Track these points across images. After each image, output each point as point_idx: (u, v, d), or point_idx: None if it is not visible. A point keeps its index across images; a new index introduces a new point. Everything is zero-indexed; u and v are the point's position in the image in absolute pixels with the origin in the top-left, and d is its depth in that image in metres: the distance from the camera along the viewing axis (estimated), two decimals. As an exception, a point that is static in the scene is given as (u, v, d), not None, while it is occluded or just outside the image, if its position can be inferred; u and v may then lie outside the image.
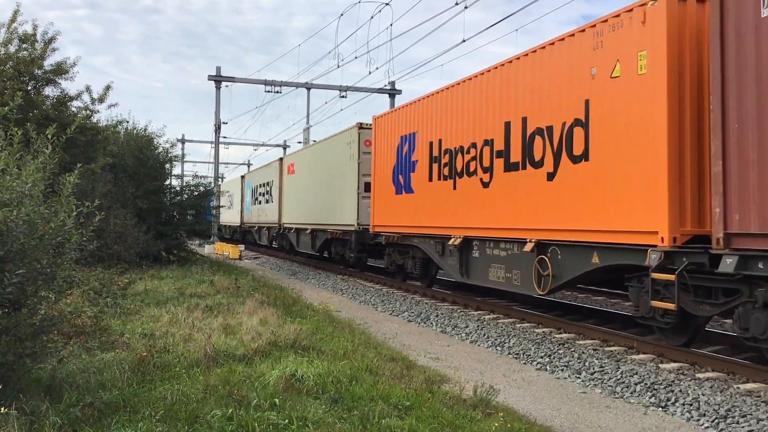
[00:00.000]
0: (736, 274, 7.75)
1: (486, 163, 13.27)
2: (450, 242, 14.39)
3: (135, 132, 24.23)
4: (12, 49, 16.62)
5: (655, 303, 9.01)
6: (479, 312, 14.05)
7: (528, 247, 11.60)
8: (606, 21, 9.96)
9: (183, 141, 69.81)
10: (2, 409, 4.94)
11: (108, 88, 18.92)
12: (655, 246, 8.84)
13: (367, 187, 20.41)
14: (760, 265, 7.53)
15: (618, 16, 9.74)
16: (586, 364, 9.26)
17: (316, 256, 29.03)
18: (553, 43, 11.30)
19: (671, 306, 8.70)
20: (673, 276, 8.57)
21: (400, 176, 17.69)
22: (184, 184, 28.79)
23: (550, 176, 11.16)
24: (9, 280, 5.52)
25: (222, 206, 38.16)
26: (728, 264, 7.77)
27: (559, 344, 10.60)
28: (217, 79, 37.82)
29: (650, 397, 7.65)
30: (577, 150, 10.55)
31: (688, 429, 6.63)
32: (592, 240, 10.14)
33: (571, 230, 10.64)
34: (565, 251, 10.90)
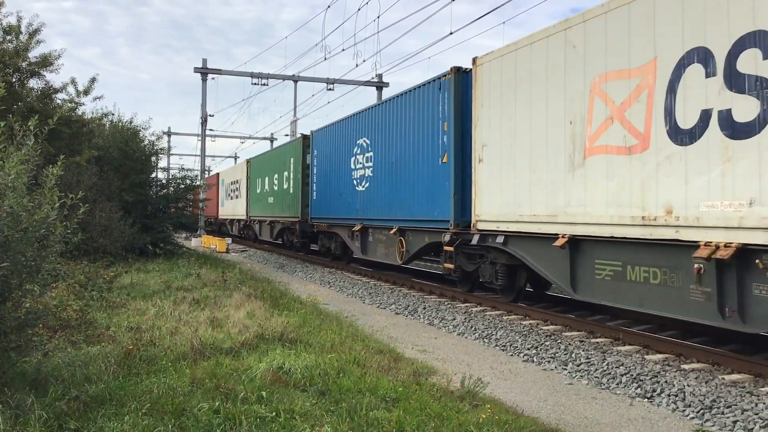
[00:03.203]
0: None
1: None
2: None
3: (120, 124, 24.07)
4: (-4, 40, 16.46)
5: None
6: (466, 304, 14.09)
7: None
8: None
9: (169, 134, 69.39)
10: (-14, 403, 4.90)
11: (93, 80, 18.84)
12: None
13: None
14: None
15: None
16: (573, 355, 9.31)
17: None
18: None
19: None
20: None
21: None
22: (171, 177, 28.65)
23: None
24: (-7, 273, 5.47)
25: (208, 199, 37.93)
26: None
27: (546, 336, 10.64)
28: (204, 72, 37.61)
29: (636, 388, 7.70)
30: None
31: (674, 419, 6.68)
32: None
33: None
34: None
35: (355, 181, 20.20)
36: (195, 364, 7.25)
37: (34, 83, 17.58)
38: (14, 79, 16.76)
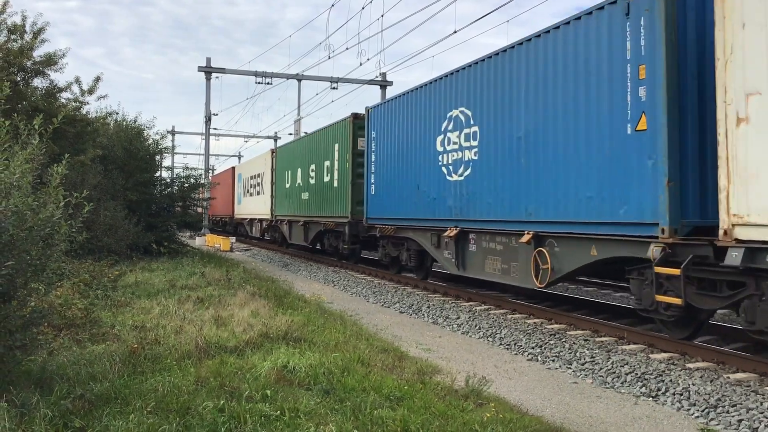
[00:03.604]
0: None
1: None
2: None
3: (125, 123, 24.13)
4: (1, 39, 16.50)
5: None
6: (471, 303, 14.08)
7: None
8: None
9: (173, 133, 69.51)
10: (-8, 401, 4.92)
11: (98, 79, 18.86)
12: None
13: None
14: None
15: None
16: (577, 354, 9.29)
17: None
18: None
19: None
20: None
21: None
22: (175, 175, 28.70)
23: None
24: (-2, 272, 5.48)
25: (212, 198, 37.81)
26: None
27: (551, 335, 10.63)
28: (208, 71, 37.66)
29: (641, 387, 7.69)
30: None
31: (679, 418, 6.66)
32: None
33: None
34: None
35: (444, 169, 14.90)
36: (200, 363, 7.26)
37: (38, 82, 17.65)
38: (19, 78, 16.80)
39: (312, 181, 24.84)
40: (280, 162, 30.47)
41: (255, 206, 35.82)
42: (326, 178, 23.01)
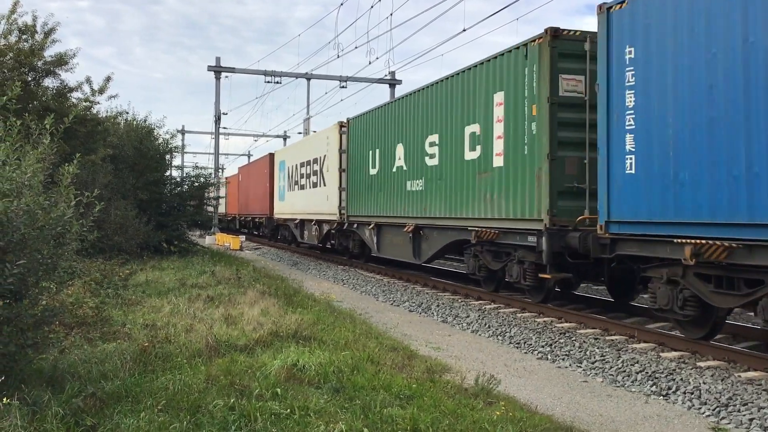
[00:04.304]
0: None
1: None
2: None
3: (135, 123, 24.24)
4: (12, 39, 16.60)
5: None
6: (480, 302, 14.06)
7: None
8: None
9: (183, 132, 69.60)
10: (4, 399, 4.95)
11: (108, 79, 18.95)
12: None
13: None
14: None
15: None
16: (587, 353, 9.27)
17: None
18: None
19: None
20: None
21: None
22: (185, 175, 28.79)
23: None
24: (10, 271, 5.52)
25: (221, 197, 37.75)
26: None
27: (561, 333, 10.60)
28: (217, 70, 37.71)
29: (651, 386, 7.66)
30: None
31: (690, 417, 6.64)
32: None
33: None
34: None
35: None
36: (210, 361, 7.29)
37: (49, 82, 17.75)
38: (30, 78, 16.89)
39: (432, 162, 15.97)
40: (356, 138, 21.54)
41: (308, 203, 26.55)
42: (470, 154, 14.08)
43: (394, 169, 18.23)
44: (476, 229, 13.52)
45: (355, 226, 21.51)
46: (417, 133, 16.81)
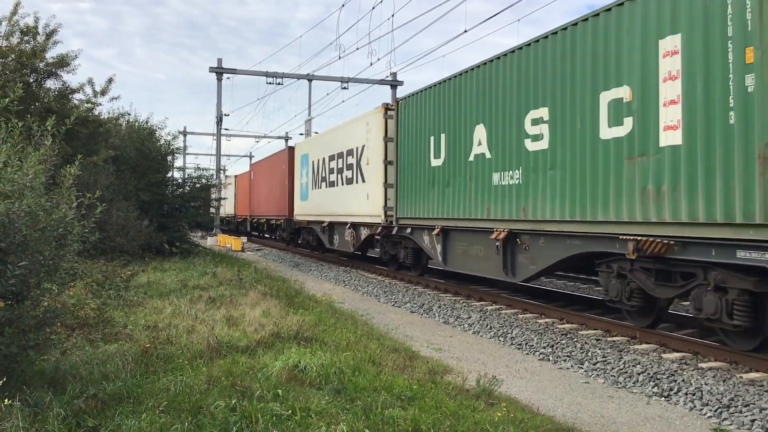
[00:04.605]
0: None
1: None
2: None
3: (137, 124, 24.28)
4: (14, 41, 16.63)
5: None
6: (482, 303, 14.06)
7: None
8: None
9: (185, 133, 69.62)
10: (6, 400, 4.95)
11: (110, 81, 19.03)
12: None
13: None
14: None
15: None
16: (589, 354, 9.26)
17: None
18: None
19: None
20: None
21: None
22: (186, 176, 28.83)
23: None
24: (11, 272, 5.52)
25: (224, 198, 37.73)
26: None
27: (562, 335, 10.60)
28: (219, 71, 37.75)
29: (653, 387, 7.65)
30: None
31: (691, 418, 6.63)
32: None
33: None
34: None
35: None
36: (211, 363, 7.29)
37: (51, 84, 17.80)
38: (32, 80, 16.93)
39: (537, 145, 11.89)
40: (410, 122, 17.43)
41: (340, 202, 22.68)
42: (610, 131, 10.11)
43: (471, 158, 14.08)
44: (635, 238, 9.40)
45: (408, 231, 17.34)
46: (509, 109, 12.68)
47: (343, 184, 22.46)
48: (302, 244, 30.13)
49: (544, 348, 9.76)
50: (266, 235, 40.59)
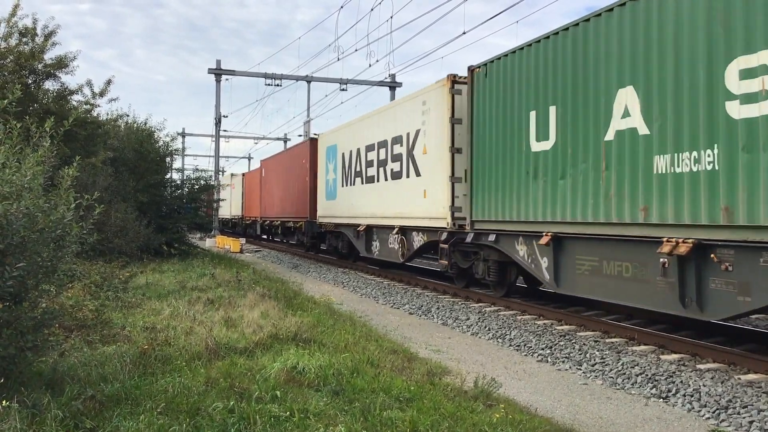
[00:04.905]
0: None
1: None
2: None
3: (135, 126, 24.28)
4: (12, 42, 16.63)
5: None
6: (480, 304, 14.06)
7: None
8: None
9: (183, 135, 69.73)
10: (4, 402, 4.94)
11: (109, 82, 19.02)
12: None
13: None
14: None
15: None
16: (587, 355, 9.27)
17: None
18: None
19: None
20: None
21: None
22: (185, 177, 28.83)
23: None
24: (9, 274, 5.52)
25: (222, 200, 37.65)
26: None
27: (560, 336, 10.60)
28: (217, 73, 37.75)
29: (651, 389, 7.65)
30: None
31: (689, 420, 6.63)
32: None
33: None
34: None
35: None
36: (210, 364, 7.29)
37: (49, 85, 17.78)
38: (30, 81, 16.92)
39: (751, 110, 7.88)
40: (492, 95, 13.45)
41: (383, 201, 18.88)
42: None
43: (609, 137, 10.11)
44: None
45: (491, 238, 13.20)
46: (691, 59, 8.70)
47: (386, 180, 18.63)
48: (327, 250, 26.16)
49: (543, 349, 9.76)
50: (277, 239, 37.46)
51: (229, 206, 50.33)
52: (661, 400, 7.31)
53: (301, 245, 30.46)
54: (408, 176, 17.23)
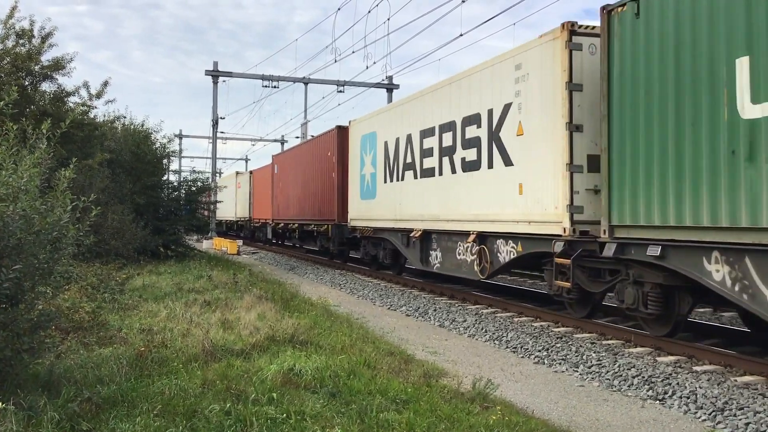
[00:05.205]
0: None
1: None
2: None
3: (132, 127, 24.28)
4: (9, 44, 16.62)
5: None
6: (477, 306, 14.06)
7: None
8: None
9: (180, 136, 69.67)
10: (0, 404, 4.94)
11: (105, 84, 19.02)
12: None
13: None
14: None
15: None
16: (584, 357, 9.27)
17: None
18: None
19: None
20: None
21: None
22: (182, 179, 28.82)
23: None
24: (6, 276, 5.51)
25: (220, 201, 37.57)
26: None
27: (557, 338, 10.61)
28: (215, 74, 37.76)
29: (648, 390, 7.66)
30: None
31: (686, 422, 6.64)
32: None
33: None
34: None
35: None
36: (206, 366, 7.28)
37: (46, 86, 17.79)
38: (27, 83, 16.92)
39: None
40: (649, 50, 9.13)
41: (454, 200, 14.69)
42: None
43: None
44: None
45: (654, 251, 9.06)
46: None
47: (454, 172, 14.58)
48: (362, 259, 22.10)
49: (540, 351, 9.77)
50: (287, 244, 33.61)
51: (234, 207, 46.39)
52: (658, 402, 7.32)
53: (323, 253, 26.18)
54: (491, 166, 13.09)
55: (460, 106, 14.30)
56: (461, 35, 22.27)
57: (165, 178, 25.96)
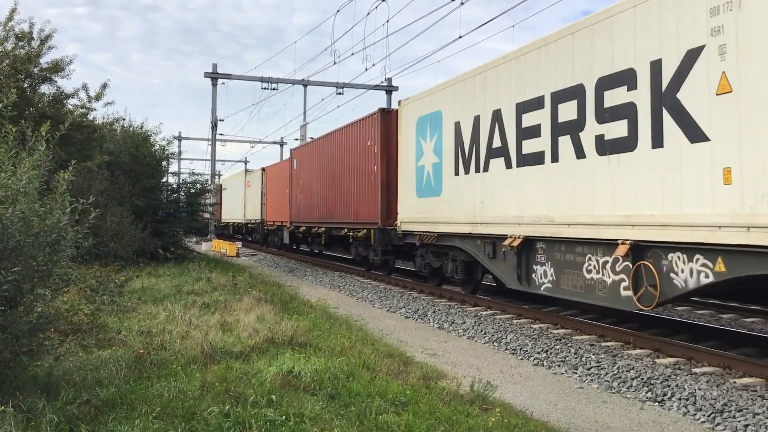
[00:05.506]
0: None
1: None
2: None
3: (131, 129, 24.27)
4: (8, 46, 16.63)
5: None
6: (476, 308, 14.06)
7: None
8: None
9: (179, 138, 69.63)
10: (-1, 406, 4.94)
11: (104, 86, 19.01)
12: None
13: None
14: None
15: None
16: (583, 359, 9.27)
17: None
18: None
19: None
20: None
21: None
22: (181, 181, 28.82)
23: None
24: (5, 278, 5.50)
25: (216, 204, 37.57)
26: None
27: (556, 340, 10.61)
28: (214, 76, 37.78)
29: (647, 392, 7.66)
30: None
31: (685, 423, 6.64)
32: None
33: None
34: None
35: None
36: (205, 368, 7.27)
37: (45, 89, 17.79)
38: (26, 85, 16.91)
39: None
40: None
41: (567, 197, 10.79)
42: None
43: None
44: None
45: None
46: None
47: (583, 156, 10.44)
48: (422, 273, 17.43)
49: (539, 353, 9.77)
50: (304, 248, 29.97)
51: (243, 208, 42.03)
52: (657, 403, 7.32)
53: (360, 262, 22.11)
54: (658, 144, 8.99)
55: (592, 63, 10.27)
56: (460, 37, 22.19)
57: (164, 180, 25.95)
